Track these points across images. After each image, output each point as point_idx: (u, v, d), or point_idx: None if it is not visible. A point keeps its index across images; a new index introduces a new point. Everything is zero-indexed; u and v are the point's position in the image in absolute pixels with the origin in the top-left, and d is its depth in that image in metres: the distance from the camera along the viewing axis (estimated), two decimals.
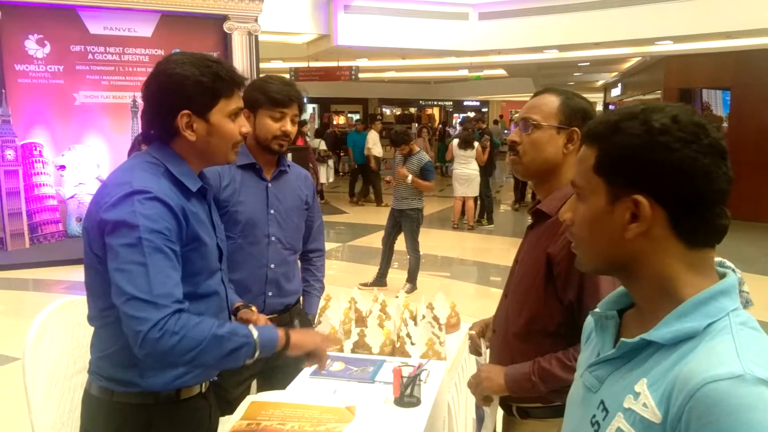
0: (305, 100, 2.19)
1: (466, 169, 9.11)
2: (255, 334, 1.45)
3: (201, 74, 1.46)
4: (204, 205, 1.59)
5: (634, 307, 0.96)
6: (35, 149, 7.73)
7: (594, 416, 0.90)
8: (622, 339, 0.88)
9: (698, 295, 0.83)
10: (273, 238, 2.19)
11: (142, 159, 1.51)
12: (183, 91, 1.46)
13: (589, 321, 1.05)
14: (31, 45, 7.64)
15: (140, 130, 1.67)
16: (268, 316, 2.19)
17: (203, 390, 1.63)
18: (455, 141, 9.32)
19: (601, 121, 0.90)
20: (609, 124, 0.88)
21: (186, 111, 1.46)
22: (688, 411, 0.74)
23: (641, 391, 0.82)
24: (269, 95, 2.07)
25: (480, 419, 1.79)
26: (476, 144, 9.15)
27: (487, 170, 9.64)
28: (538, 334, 1.59)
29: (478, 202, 9.81)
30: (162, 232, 1.38)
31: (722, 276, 0.87)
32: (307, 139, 12.47)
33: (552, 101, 1.62)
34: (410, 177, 5.83)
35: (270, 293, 2.19)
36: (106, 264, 1.39)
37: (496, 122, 21.03)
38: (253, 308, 1.87)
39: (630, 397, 0.83)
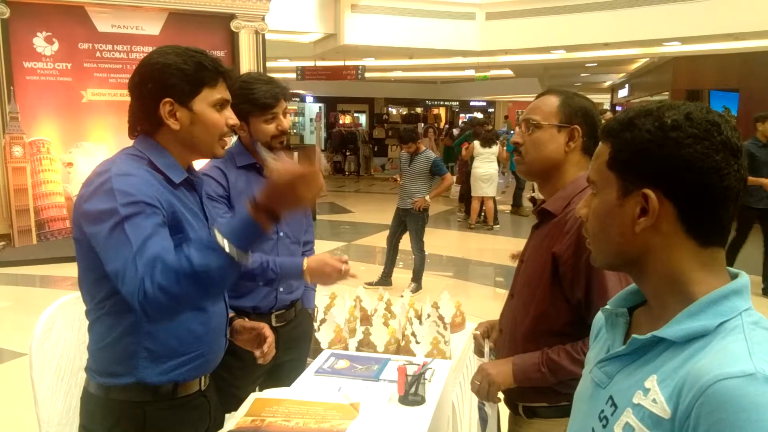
0: (290, 90, 2.18)
1: (490, 168, 9.16)
2: (221, 239, 1.26)
3: (183, 62, 1.46)
4: (195, 197, 1.56)
5: (644, 305, 0.96)
6: (43, 146, 7.76)
7: (602, 411, 0.90)
8: (634, 336, 0.88)
9: (711, 294, 0.84)
10: (281, 234, 2.20)
11: (125, 152, 1.50)
12: (164, 78, 1.45)
13: (599, 318, 1.06)
14: (39, 42, 7.66)
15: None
16: (275, 312, 2.22)
17: (202, 387, 1.61)
18: (476, 142, 9.34)
19: (617, 119, 0.93)
20: (623, 121, 0.91)
21: (168, 99, 1.45)
22: (698, 407, 0.74)
23: (651, 386, 0.82)
24: (257, 103, 2.04)
25: (483, 420, 1.79)
26: (498, 143, 9.20)
27: None
28: (545, 334, 1.59)
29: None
30: (141, 200, 1.35)
31: (734, 276, 0.88)
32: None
33: (552, 101, 1.65)
34: (428, 197, 5.89)
35: (281, 289, 2.22)
36: (95, 253, 1.37)
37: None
38: (246, 319, 1.86)
39: (639, 392, 0.84)
